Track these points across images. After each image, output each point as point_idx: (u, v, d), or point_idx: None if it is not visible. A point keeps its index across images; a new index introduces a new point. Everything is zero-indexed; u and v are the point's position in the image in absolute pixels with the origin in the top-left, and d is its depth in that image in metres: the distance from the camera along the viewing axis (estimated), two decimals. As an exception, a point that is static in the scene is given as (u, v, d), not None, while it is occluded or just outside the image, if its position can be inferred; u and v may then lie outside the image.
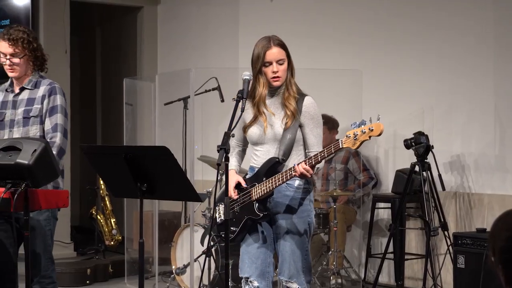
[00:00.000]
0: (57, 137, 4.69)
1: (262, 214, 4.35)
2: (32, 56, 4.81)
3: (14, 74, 4.82)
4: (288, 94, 4.38)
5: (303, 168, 4.10)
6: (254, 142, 4.45)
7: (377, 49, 7.69)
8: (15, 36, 4.76)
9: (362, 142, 4.01)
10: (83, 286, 7.61)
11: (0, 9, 9.31)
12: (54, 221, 4.84)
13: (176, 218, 8.42)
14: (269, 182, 4.29)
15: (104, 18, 11.59)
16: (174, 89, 7.66)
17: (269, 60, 4.34)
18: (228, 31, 9.08)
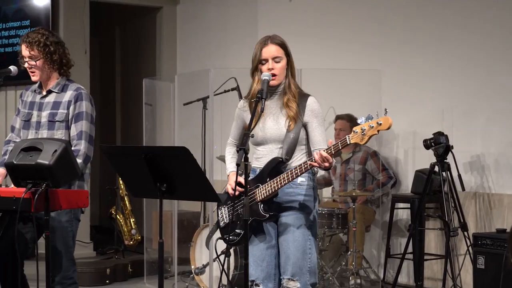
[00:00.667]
0: (82, 145, 4.70)
1: (268, 214, 4.34)
2: (48, 59, 4.81)
3: (35, 78, 4.85)
4: (288, 97, 4.37)
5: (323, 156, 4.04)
6: (257, 142, 4.44)
7: (396, 49, 7.67)
8: (32, 39, 4.78)
9: (371, 137, 4.01)
10: (103, 285, 7.64)
11: (20, 10, 9.37)
12: (76, 222, 4.86)
13: (195, 218, 8.44)
14: (275, 182, 4.28)
15: (123, 18, 11.63)
16: (193, 89, 7.68)
17: (265, 57, 4.35)
18: (247, 31, 9.09)
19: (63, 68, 4.89)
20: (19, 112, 4.99)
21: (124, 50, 11.73)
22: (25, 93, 5.03)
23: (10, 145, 4.93)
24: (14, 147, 4.30)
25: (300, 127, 4.35)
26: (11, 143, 4.96)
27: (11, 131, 5.02)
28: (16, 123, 4.98)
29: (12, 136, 4.99)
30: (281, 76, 4.38)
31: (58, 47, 4.85)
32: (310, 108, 4.36)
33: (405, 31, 7.61)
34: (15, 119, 5.00)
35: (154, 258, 7.83)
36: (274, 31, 4.68)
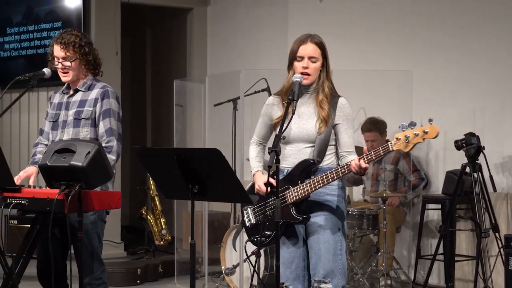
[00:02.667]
0: (114, 142, 4.73)
1: (302, 217, 4.33)
2: (83, 60, 4.86)
3: (67, 78, 4.88)
4: (322, 98, 4.35)
5: (361, 164, 4.06)
6: (284, 141, 4.41)
7: (427, 49, 7.64)
8: (67, 40, 4.82)
9: (415, 145, 3.98)
10: (134, 285, 7.67)
11: (52, 11, 9.45)
12: (102, 224, 4.88)
13: (225, 218, 8.45)
14: (308, 185, 4.26)
15: (154, 19, 11.69)
16: (224, 90, 7.70)
17: (301, 55, 4.34)
18: (277, 32, 9.09)
19: (97, 69, 4.93)
20: (47, 115, 5.04)
21: (155, 51, 11.78)
22: (53, 96, 5.08)
23: (39, 147, 4.98)
24: (47, 148, 4.35)
25: (330, 129, 4.34)
26: (39, 145, 5.00)
27: (39, 134, 5.06)
28: (45, 126, 5.03)
29: (40, 139, 5.04)
30: (314, 77, 4.36)
31: (91, 48, 4.90)
32: (341, 110, 4.34)
33: (436, 31, 7.58)
34: (44, 123, 5.05)
35: (184, 258, 7.86)
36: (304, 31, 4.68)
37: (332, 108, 4.33)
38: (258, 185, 4.42)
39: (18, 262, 4.51)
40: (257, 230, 4.45)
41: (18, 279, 4.51)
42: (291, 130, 4.36)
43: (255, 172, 4.52)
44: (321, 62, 4.38)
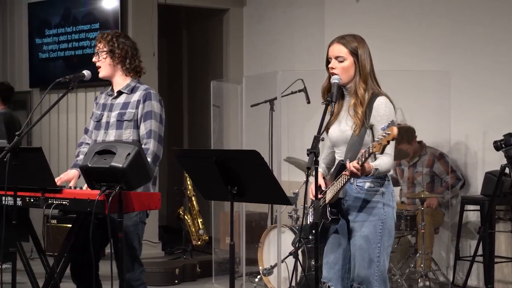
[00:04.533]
0: (151, 144, 4.75)
1: (331, 218, 4.31)
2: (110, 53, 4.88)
3: (101, 74, 4.92)
4: (354, 101, 4.31)
5: (354, 166, 4.02)
6: (333, 143, 4.43)
7: (465, 49, 7.60)
8: (103, 34, 4.94)
9: (385, 146, 3.94)
10: (172, 285, 7.71)
11: (90, 13, 9.53)
12: (142, 225, 4.91)
13: (262, 219, 8.47)
14: (334, 185, 4.27)
15: (190, 20, 11.73)
16: (261, 91, 7.71)
17: (329, 56, 4.33)
18: (314, 32, 9.09)
19: (134, 70, 4.96)
20: (93, 114, 5.09)
21: (191, 52, 11.83)
22: (99, 96, 5.12)
23: (83, 147, 5.03)
24: (88, 150, 4.40)
25: (366, 130, 4.31)
26: (83, 145, 5.05)
27: (84, 132, 5.12)
28: (90, 126, 5.08)
29: (84, 138, 5.09)
30: (344, 76, 4.30)
31: (125, 47, 4.92)
32: (376, 111, 4.26)
33: (474, 32, 7.53)
34: (89, 122, 5.11)
35: (222, 259, 7.89)
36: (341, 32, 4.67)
37: (368, 109, 4.29)
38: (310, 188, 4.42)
39: (60, 262, 4.57)
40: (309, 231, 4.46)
41: (60, 279, 4.57)
42: (333, 133, 4.36)
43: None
44: (351, 62, 4.34)
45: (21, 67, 10.45)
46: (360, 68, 4.31)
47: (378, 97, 4.29)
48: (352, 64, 4.30)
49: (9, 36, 10.81)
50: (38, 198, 4.41)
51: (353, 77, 4.31)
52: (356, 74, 4.32)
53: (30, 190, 4.45)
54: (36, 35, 10.04)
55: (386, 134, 3.88)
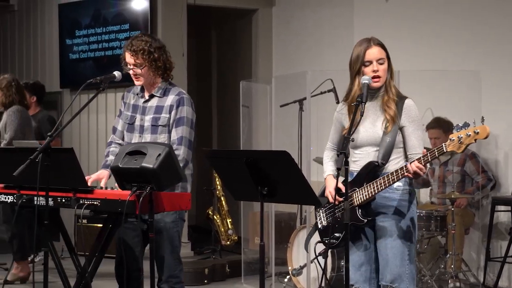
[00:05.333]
0: (181, 150, 4.77)
1: (366, 220, 4.32)
2: (153, 66, 4.88)
3: (139, 83, 4.94)
4: (388, 97, 4.34)
5: (416, 167, 4.04)
6: (353, 145, 4.42)
7: (496, 48, 7.55)
8: (136, 47, 4.85)
9: (468, 145, 3.94)
10: (201, 285, 7.74)
11: (119, 14, 9.58)
12: (182, 222, 4.96)
13: (292, 219, 8.47)
14: (371, 186, 4.25)
15: (219, 20, 11.75)
16: (290, 91, 7.71)
17: (369, 59, 4.33)
18: (343, 32, 9.07)
19: (166, 73, 4.97)
20: (121, 113, 5.10)
21: (220, 52, 11.85)
22: (127, 95, 5.12)
23: (112, 147, 5.05)
24: (119, 151, 4.43)
25: (397, 131, 4.32)
26: (112, 144, 5.07)
27: (112, 132, 5.13)
28: (118, 125, 5.09)
29: (113, 137, 5.11)
30: (384, 78, 4.36)
31: (161, 53, 4.92)
32: (407, 112, 4.32)
33: (505, 31, 7.48)
34: (117, 121, 5.11)
35: (251, 259, 7.89)
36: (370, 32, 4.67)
37: (398, 110, 4.31)
38: (329, 190, 4.44)
39: (91, 261, 4.61)
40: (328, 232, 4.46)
41: (91, 278, 4.60)
42: (359, 134, 4.36)
43: (326, 176, 4.56)
44: (387, 63, 4.38)
45: (52, 68, 10.53)
46: (391, 70, 4.38)
47: (407, 100, 4.37)
48: (387, 66, 4.35)
49: (40, 37, 10.91)
50: (69, 198, 4.45)
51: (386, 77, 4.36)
52: (388, 76, 4.37)
53: (62, 191, 4.49)
54: (66, 36, 10.11)
55: (474, 132, 3.87)
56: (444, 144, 4.00)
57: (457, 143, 3.94)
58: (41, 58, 10.88)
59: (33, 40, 11.06)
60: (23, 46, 11.29)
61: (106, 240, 4.61)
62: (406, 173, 4.11)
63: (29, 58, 11.16)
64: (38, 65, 10.93)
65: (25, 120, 7.45)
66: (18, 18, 11.43)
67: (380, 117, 4.35)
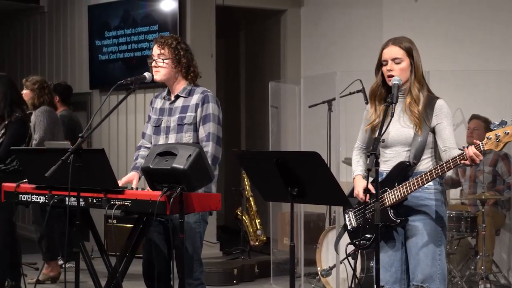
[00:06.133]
0: (210, 146, 4.79)
1: (399, 220, 4.31)
2: (176, 61, 4.93)
3: (157, 77, 4.95)
4: (409, 101, 4.33)
5: (473, 153, 3.99)
6: (384, 145, 4.41)
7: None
8: (165, 40, 4.96)
9: (506, 144, 3.92)
10: (230, 285, 7.75)
11: (148, 15, 9.62)
12: (204, 224, 4.96)
13: (320, 219, 8.46)
14: (404, 187, 4.24)
15: (248, 21, 11.76)
16: (318, 91, 7.70)
17: (385, 59, 4.36)
18: (372, 32, 9.04)
19: (190, 75, 5.00)
20: (149, 119, 5.13)
21: (249, 52, 11.86)
22: (154, 100, 5.17)
23: (141, 151, 5.08)
24: (150, 151, 4.45)
25: (428, 131, 4.31)
26: (142, 148, 5.10)
27: (142, 137, 5.17)
28: (147, 130, 5.12)
29: (143, 142, 5.14)
30: (402, 78, 4.32)
31: (187, 54, 4.98)
32: (439, 110, 4.31)
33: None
34: (146, 126, 5.15)
35: (280, 259, 7.90)
36: (400, 32, 4.65)
37: (429, 110, 4.30)
38: (357, 190, 4.44)
39: (122, 262, 4.63)
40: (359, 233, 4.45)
41: (122, 278, 4.62)
42: (389, 134, 4.35)
43: (355, 176, 4.56)
44: (408, 63, 4.35)
45: (82, 69, 10.60)
46: (415, 68, 4.36)
47: (438, 100, 4.36)
48: (408, 65, 4.35)
49: (70, 38, 10.98)
50: (100, 199, 4.46)
51: (408, 78, 4.34)
52: (411, 75, 4.35)
53: (93, 191, 4.51)
54: (96, 37, 10.17)
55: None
56: (481, 143, 3.98)
57: (495, 141, 3.92)
58: (71, 59, 10.95)
59: (63, 41, 11.14)
60: (53, 48, 11.38)
61: (136, 241, 4.62)
62: (462, 161, 4.04)
63: (58, 59, 11.24)
64: (68, 66, 11.01)
65: (54, 120, 7.50)
66: (48, 19, 11.51)
67: (407, 117, 4.33)
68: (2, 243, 6.38)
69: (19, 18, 12.22)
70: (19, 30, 12.33)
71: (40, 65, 11.63)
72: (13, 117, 6.40)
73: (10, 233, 6.45)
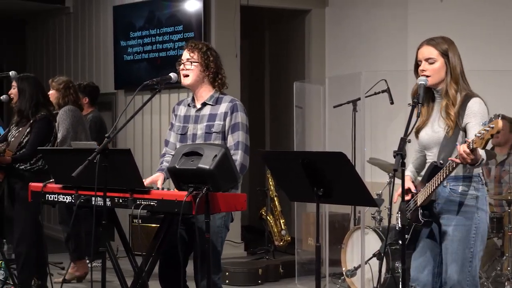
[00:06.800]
0: (238, 155, 4.80)
1: (424, 220, 4.31)
2: (204, 66, 4.93)
3: (186, 81, 4.95)
4: (446, 103, 4.30)
5: (463, 151, 3.95)
6: (424, 146, 4.43)
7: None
8: (196, 44, 4.98)
9: (488, 141, 3.89)
10: (255, 285, 7.76)
11: (173, 15, 9.64)
12: (226, 230, 4.96)
13: (345, 220, 8.45)
14: (428, 186, 4.25)
15: (272, 21, 11.76)
16: (343, 92, 7.70)
17: (419, 59, 4.36)
18: (397, 32, 9.01)
19: (217, 82, 5.00)
20: (172, 126, 5.13)
21: (273, 52, 11.86)
22: (177, 107, 5.16)
23: (166, 157, 5.07)
24: (176, 152, 4.47)
25: (459, 131, 4.29)
26: (166, 155, 5.09)
27: (165, 145, 5.15)
28: (170, 137, 5.12)
29: (166, 150, 5.12)
30: (435, 78, 4.32)
31: (217, 60, 4.99)
32: (469, 109, 4.27)
33: None
34: (169, 134, 5.14)
35: (305, 259, 7.89)
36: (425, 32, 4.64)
37: (462, 111, 4.27)
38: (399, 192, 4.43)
39: (148, 261, 4.64)
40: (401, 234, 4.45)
41: (148, 278, 4.64)
42: (424, 135, 4.36)
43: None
44: (442, 63, 4.33)
45: (107, 69, 10.65)
46: (451, 69, 4.33)
47: (472, 98, 4.31)
48: (443, 66, 4.31)
49: (95, 38, 11.03)
50: (126, 199, 4.48)
51: (443, 78, 4.31)
52: (447, 75, 4.32)
53: (119, 191, 4.53)
54: (121, 38, 10.21)
55: (490, 127, 3.85)
56: (472, 140, 3.94)
57: (479, 139, 3.90)
58: (96, 60, 11.00)
59: (88, 41, 11.20)
60: (78, 48, 11.44)
61: (162, 240, 4.64)
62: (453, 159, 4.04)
63: (84, 60, 11.30)
64: (93, 66, 11.06)
65: (78, 119, 7.53)
66: (74, 20, 11.58)
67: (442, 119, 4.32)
68: (29, 243, 6.43)
69: (45, 19, 12.30)
70: (45, 31, 12.41)
71: (66, 66, 11.70)
72: (38, 116, 6.44)
73: (37, 232, 6.50)
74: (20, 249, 6.44)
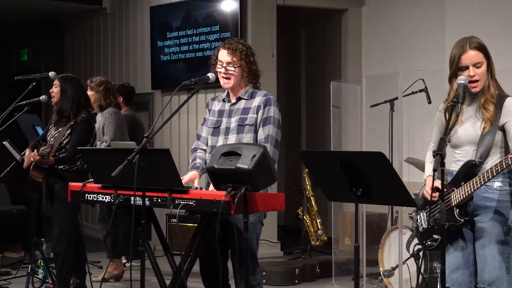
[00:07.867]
0: (267, 149, 4.80)
1: (464, 220, 4.28)
2: (246, 68, 4.96)
3: (228, 85, 4.99)
4: (485, 99, 4.28)
5: None
6: (453, 145, 4.40)
7: None
8: (235, 46, 4.96)
9: None
10: (292, 285, 7.76)
11: (210, 15, 9.67)
12: (260, 226, 4.98)
13: (382, 220, 8.41)
14: (469, 185, 4.22)
15: (308, 21, 11.75)
16: (380, 91, 7.67)
17: (464, 64, 4.29)
18: (434, 32, 8.96)
19: (255, 79, 5.02)
20: (205, 121, 5.16)
21: (310, 52, 11.85)
22: (211, 103, 5.20)
23: (198, 152, 5.10)
24: (214, 151, 4.48)
25: (496, 130, 4.26)
26: (198, 150, 5.13)
27: (197, 139, 5.19)
28: (202, 132, 5.15)
29: (198, 143, 5.16)
30: (483, 81, 4.31)
31: (255, 60, 5.03)
32: (507, 108, 4.26)
33: None
34: (201, 128, 5.18)
35: (341, 259, 7.88)
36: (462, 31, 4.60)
37: (498, 109, 4.25)
38: (425, 190, 4.43)
39: (186, 260, 4.67)
40: (428, 234, 4.43)
41: (186, 277, 4.66)
42: (458, 133, 4.33)
43: (426, 177, 4.52)
44: (486, 65, 4.31)
45: (144, 69, 10.71)
46: (491, 69, 4.30)
47: (508, 98, 4.31)
48: (486, 68, 4.28)
49: (132, 39, 11.10)
50: (165, 199, 4.51)
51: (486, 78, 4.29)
52: (487, 76, 4.30)
53: (157, 191, 4.56)
54: (157, 38, 10.27)
55: None
56: None
57: None
58: (133, 60, 11.07)
59: (125, 42, 11.27)
60: (115, 48, 11.52)
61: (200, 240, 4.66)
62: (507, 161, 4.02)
63: (121, 60, 11.38)
64: (130, 66, 11.13)
65: (122, 121, 7.60)
66: (111, 20, 11.66)
67: (479, 117, 4.30)
68: (68, 242, 6.49)
69: (82, 20, 12.39)
70: (82, 32, 12.51)
71: (103, 66, 11.78)
72: (79, 118, 6.50)
73: (75, 231, 6.56)
74: (59, 248, 6.50)
